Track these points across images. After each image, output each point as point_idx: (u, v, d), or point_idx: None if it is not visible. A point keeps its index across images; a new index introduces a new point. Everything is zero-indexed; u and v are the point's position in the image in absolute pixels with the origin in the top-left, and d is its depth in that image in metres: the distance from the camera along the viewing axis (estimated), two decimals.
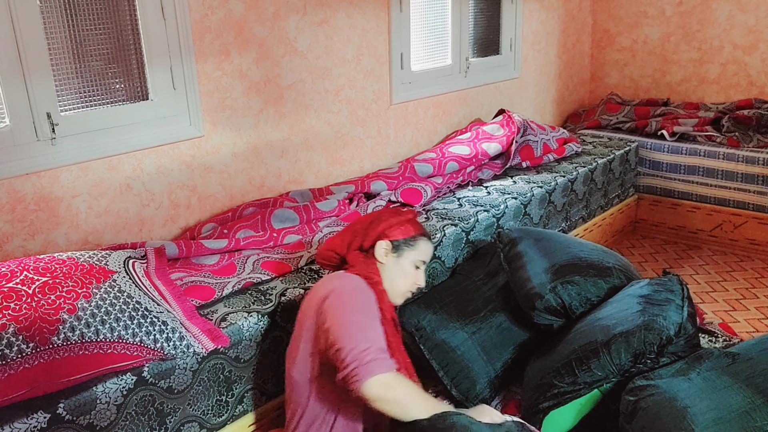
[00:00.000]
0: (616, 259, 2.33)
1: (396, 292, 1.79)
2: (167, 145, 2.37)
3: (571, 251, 2.33)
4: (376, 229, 1.78)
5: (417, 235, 1.81)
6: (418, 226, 1.83)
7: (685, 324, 1.91)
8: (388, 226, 1.78)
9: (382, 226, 1.78)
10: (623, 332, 1.89)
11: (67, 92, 2.13)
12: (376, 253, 1.76)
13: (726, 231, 3.81)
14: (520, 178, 3.22)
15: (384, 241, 1.76)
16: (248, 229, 2.40)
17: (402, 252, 1.77)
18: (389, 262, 1.76)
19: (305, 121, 2.82)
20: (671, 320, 1.89)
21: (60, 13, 2.08)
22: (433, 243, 1.85)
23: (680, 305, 1.95)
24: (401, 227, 1.79)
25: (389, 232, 1.77)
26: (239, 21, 2.50)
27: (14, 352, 1.48)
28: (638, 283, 2.13)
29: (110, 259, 1.85)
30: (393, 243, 1.77)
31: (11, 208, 2.03)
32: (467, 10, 3.60)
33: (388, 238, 1.77)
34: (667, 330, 1.87)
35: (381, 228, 1.78)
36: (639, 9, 4.45)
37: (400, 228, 1.78)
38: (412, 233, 1.80)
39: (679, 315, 1.91)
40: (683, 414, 1.63)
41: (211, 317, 1.92)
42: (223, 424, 1.92)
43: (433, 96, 3.46)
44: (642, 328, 1.88)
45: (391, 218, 1.80)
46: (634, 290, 2.09)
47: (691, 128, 3.89)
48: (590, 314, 2.10)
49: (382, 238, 1.77)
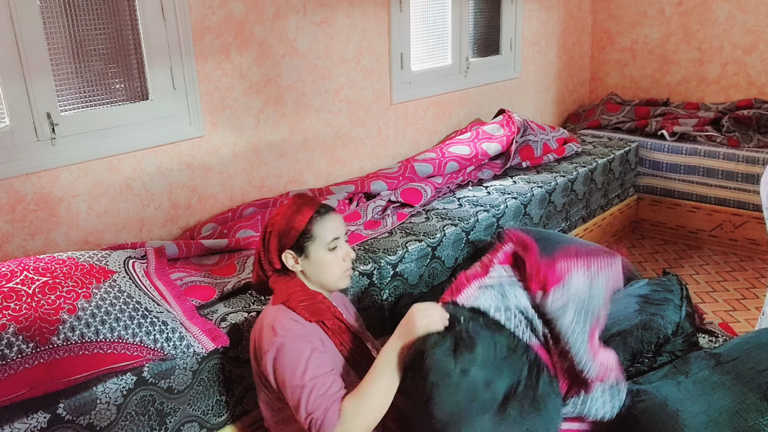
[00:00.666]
0: None
1: (331, 283, 1.68)
2: (167, 145, 2.37)
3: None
4: (272, 247, 1.64)
5: (306, 223, 1.62)
6: (304, 213, 1.64)
7: (683, 323, 1.91)
8: (278, 236, 1.63)
9: (273, 241, 1.64)
10: (620, 332, 1.89)
11: (67, 92, 2.13)
12: (288, 266, 1.64)
13: (726, 231, 3.81)
14: (520, 178, 3.22)
15: (286, 253, 1.63)
16: (248, 229, 2.40)
17: (307, 250, 1.63)
18: (304, 266, 1.65)
19: (305, 121, 2.82)
20: (669, 319, 1.89)
21: (60, 14, 2.08)
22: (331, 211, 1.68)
23: (678, 305, 1.95)
24: (288, 228, 1.62)
25: (282, 241, 1.63)
26: (239, 21, 2.50)
27: (14, 352, 1.48)
28: (637, 283, 2.14)
29: (110, 259, 1.85)
30: (293, 249, 1.63)
31: (11, 208, 2.03)
32: (467, 10, 3.60)
33: (287, 248, 1.63)
34: (664, 329, 1.87)
35: (273, 243, 1.64)
36: (639, 9, 4.45)
37: (287, 230, 1.62)
38: (302, 225, 1.62)
39: (677, 314, 1.92)
40: (675, 418, 1.63)
41: (211, 317, 1.91)
42: (223, 424, 1.92)
43: (433, 96, 3.46)
44: (639, 328, 1.88)
45: (277, 224, 1.64)
46: (633, 290, 2.09)
47: (691, 128, 3.89)
48: None
49: (282, 251, 1.63)
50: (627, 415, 1.73)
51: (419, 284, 2.49)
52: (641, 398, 1.73)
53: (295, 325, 1.56)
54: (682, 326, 1.90)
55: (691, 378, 1.73)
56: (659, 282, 2.08)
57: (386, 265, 2.33)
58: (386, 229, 2.57)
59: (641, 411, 1.70)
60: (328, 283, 1.68)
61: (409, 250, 2.41)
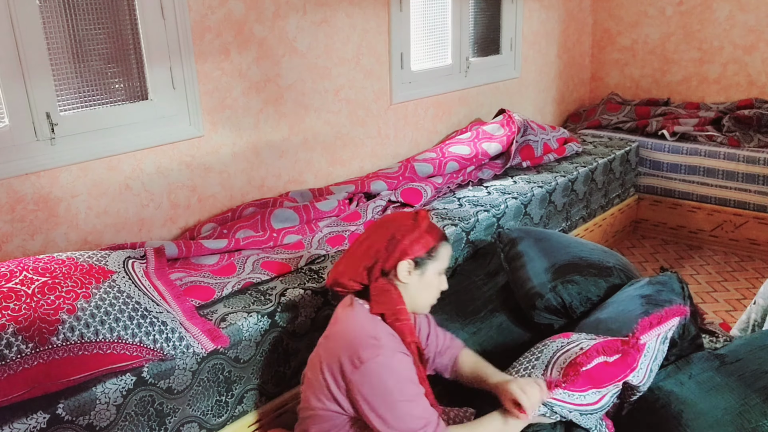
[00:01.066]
0: (617, 259, 2.33)
1: (422, 306, 1.71)
2: (167, 145, 2.37)
3: (571, 251, 2.33)
4: (396, 249, 1.63)
5: (436, 244, 1.67)
6: (435, 234, 1.69)
7: (689, 325, 1.91)
8: (408, 244, 1.63)
9: (402, 245, 1.63)
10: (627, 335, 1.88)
11: (66, 92, 2.13)
12: (399, 274, 1.63)
13: (727, 231, 3.80)
14: (520, 177, 3.22)
15: (405, 262, 1.63)
16: (248, 229, 2.40)
17: (425, 267, 1.65)
18: (413, 280, 1.65)
19: (305, 121, 2.82)
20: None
21: (60, 13, 2.08)
22: (448, 241, 1.73)
23: (682, 303, 1.94)
24: (421, 241, 1.64)
25: (410, 250, 1.63)
26: (239, 21, 2.49)
27: (14, 352, 1.48)
28: (638, 283, 2.13)
29: (110, 259, 1.85)
30: (415, 260, 1.64)
31: (11, 208, 2.02)
32: (467, 10, 3.59)
33: (409, 257, 1.63)
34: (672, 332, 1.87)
35: (401, 247, 1.63)
36: (639, 9, 4.44)
37: (420, 243, 1.64)
38: (432, 244, 1.66)
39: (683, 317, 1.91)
40: (678, 419, 1.63)
41: (210, 317, 1.91)
42: (223, 424, 1.91)
43: (433, 96, 3.46)
44: None
45: (410, 233, 1.65)
46: (635, 290, 2.08)
47: (691, 128, 3.89)
48: (591, 315, 2.09)
49: (402, 258, 1.63)
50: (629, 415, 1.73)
51: None
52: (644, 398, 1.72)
53: (396, 342, 1.58)
54: (687, 328, 1.89)
55: (694, 379, 1.73)
56: (660, 281, 2.07)
57: None
58: None
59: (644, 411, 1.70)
60: (420, 305, 1.71)
61: None
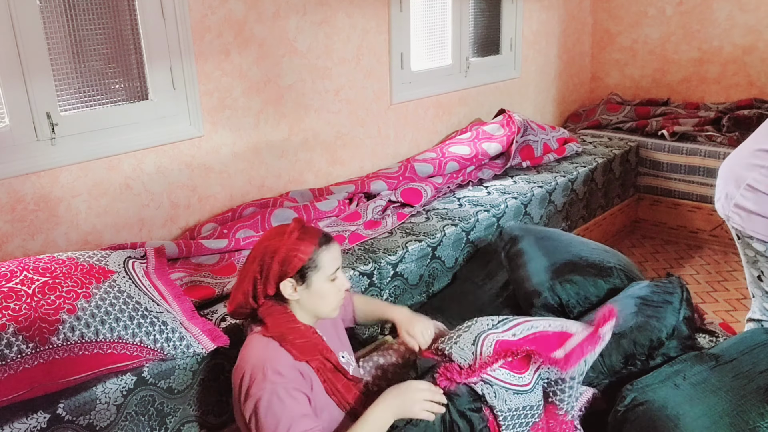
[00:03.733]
0: (618, 259, 2.33)
1: (326, 312, 1.65)
2: (167, 145, 2.37)
3: (572, 250, 2.33)
4: (271, 274, 1.57)
5: (313, 252, 1.58)
6: (309, 241, 1.59)
7: (679, 326, 1.91)
8: (280, 265, 1.56)
9: (275, 268, 1.56)
10: (615, 333, 1.89)
11: (66, 92, 2.13)
12: (285, 294, 1.58)
13: (726, 231, 3.80)
14: (520, 177, 3.22)
15: (285, 282, 1.57)
16: (248, 229, 2.40)
17: (309, 279, 1.58)
18: (302, 295, 1.59)
19: (305, 121, 2.82)
20: (665, 322, 1.89)
21: (60, 13, 2.08)
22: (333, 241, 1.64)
23: (677, 308, 1.94)
24: (294, 255, 1.56)
25: (286, 269, 1.56)
26: (239, 21, 2.49)
27: (14, 352, 1.48)
28: (638, 284, 2.13)
29: (110, 259, 1.85)
30: (295, 277, 1.57)
31: (11, 208, 2.02)
32: (467, 10, 3.59)
33: (288, 276, 1.57)
34: (658, 332, 1.87)
35: (275, 270, 1.56)
36: (639, 9, 4.44)
37: (293, 257, 1.56)
38: (309, 254, 1.57)
39: (675, 317, 1.91)
40: (675, 422, 1.62)
41: (211, 317, 1.91)
42: (223, 424, 1.91)
43: (434, 96, 3.46)
44: (633, 329, 1.88)
45: (278, 252, 1.56)
46: (633, 291, 2.08)
47: (691, 128, 3.89)
48: (588, 314, 2.10)
49: (282, 279, 1.57)
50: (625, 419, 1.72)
51: (419, 284, 2.49)
52: (639, 402, 1.72)
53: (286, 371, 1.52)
54: (678, 329, 1.90)
55: (689, 380, 1.72)
56: (660, 284, 2.07)
57: (386, 265, 2.33)
58: (386, 229, 2.57)
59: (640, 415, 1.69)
60: (322, 313, 1.65)
61: (409, 250, 2.41)
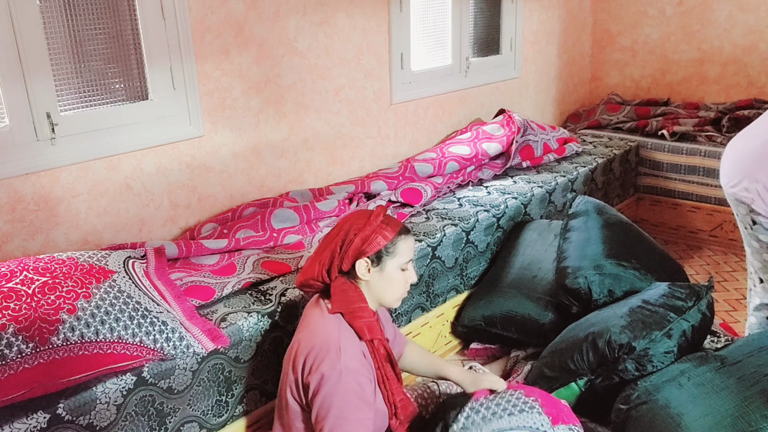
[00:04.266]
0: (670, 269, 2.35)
1: (389, 300, 1.75)
2: (167, 145, 2.37)
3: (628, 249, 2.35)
4: (351, 249, 1.67)
5: (393, 239, 1.69)
6: (392, 228, 1.70)
7: (675, 333, 1.87)
8: (362, 242, 1.66)
9: (357, 243, 1.66)
10: (594, 332, 1.90)
11: (66, 92, 2.13)
12: (358, 272, 1.68)
13: (726, 231, 3.80)
14: (520, 177, 3.22)
15: (362, 260, 1.68)
16: (248, 229, 2.40)
17: (384, 263, 1.69)
18: (373, 277, 1.69)
19: (305, 121, 2.82)
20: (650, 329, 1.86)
21: (60, 13, 2.08)
22: (412, 234, 1.77)
23: (676, 316, 1.91)
24: (376, 238, 1.67)
25: (365, 248, 1.66)
26: (239, 21, 2.49)
27: (14, 352, 1.48)
28: (656, 286, 2.11)
29: (110, 259, 1.85)
30: (372, 258, 1.68)
31: (11, 208, 2.02)
32: (467, 10, 3.59)
33: (366, 255, 1.67)
34: (615, 343, 1.85)
35: (356, 246, 1.67)
36: (639, 9, 4.44)
37: (374, 240, 1.67)
38: (389, 239, 1.68)
39: (667, 325, 1.88)
40: (677, 422, 1.62)
41: (211, 317, 1.91)
42: (223, 424, 1.92)
43: (433, 96, 3.46)
44: (609, 331, 1.88)
45: (363, 230, 1.67)
46: (646, 292, 2.08)
47: (691, 128, 3.89)
48: (600, 308, 2.13)
49: (359, 257, 1.67)
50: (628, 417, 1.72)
51: (419, 284, 2.49)
52: (643, 400, 1.72)
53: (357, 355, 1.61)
54: (672, 335, 1.86)
55: (694, 380, 1.72)
56: (679, 289, 2.03)
57: None
58: None
59: (643, 413, 1.69)
60: (386, 301, 1.74)
61: None
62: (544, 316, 2.36)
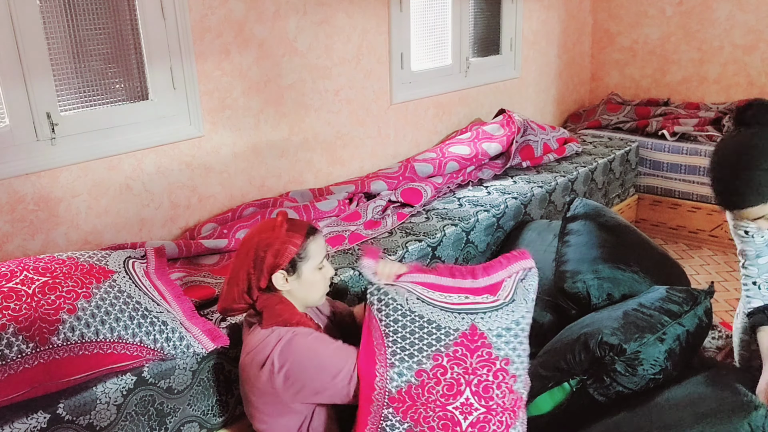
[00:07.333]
0: (671, 273, 2.35)
1: (313, 300, 1.73)
2: (167, 145, 2.37)
3: (627, 252, 2.34)
4: (265, 267, 1.63)
5: (303, 244, 1.65)
6: (299, 233, 1.66)
7: (669, 337, 1.86)
8: (274, 257, 1.62)
9: (269, 260, 1.62)
10: (587, 333, 1.90)
11: (66, 92, 2.13)
12: (277, 285, 1.64)
13: (726, 231, 3.80)
14: (520, 177, 3.22)
15: (277, 273, 1.63)
16: (248, 229, 2.40)
17: (299, 270, 1.65)
18: (292, 285, 1.66)
19: (305, 121, 2.82)
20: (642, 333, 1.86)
21: (60, 13, 2.08)
22: (317, 232, 1.71)
23: (668, 321, 1.90)
24: (285, 248, 1.63)
25: (278, 261, 1.62)
26: (239, 21, 2.49)
27: (14, 352, 1.48)
28: (657, 289, 2.11)
29: (110, 259, 1.85)
30: (286, 268, 1.64)
31: (11, 208, 2.02)
32: (467, 10, 3.59)
33: (280, 268, 1.63)
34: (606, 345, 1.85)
35: (269, 262, 1.62)
36: (639, 9, 4.44)
37: (284, 251, 1.63)
38: (299, 245, 1.64)
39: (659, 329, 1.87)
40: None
41: (211, 317, 1.91)
42: (223, 424, 1.92)
43: (434, 96, 3.46)
44: (601, 333, 1.88)
45: (271, 245, 1.63)
46: (645, 296, 2.08)
47: (691, 128, 3.89)
48: (595, 311, 2.12)
49: (274, 271, 1.63)
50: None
51: None
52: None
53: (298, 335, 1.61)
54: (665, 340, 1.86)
55: None
56: (676, 293, 2.02)
57: None
58: (386, 229, 2.57)
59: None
60: (311, 302, 1.73)
61: (409, 250, 2.41)
62: (543, 316, 2.36)
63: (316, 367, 1.56)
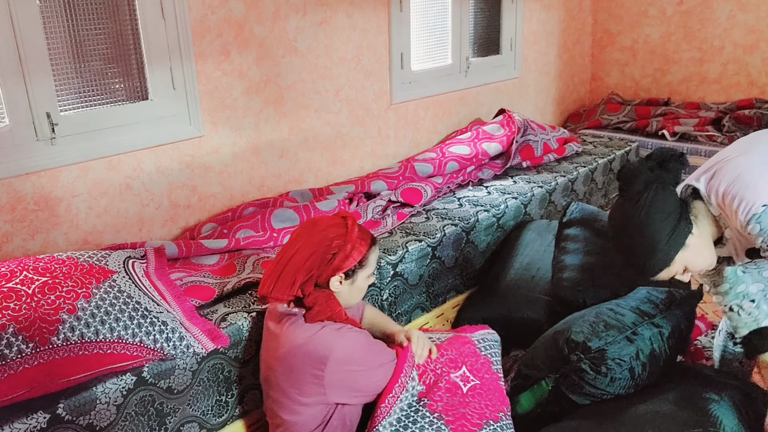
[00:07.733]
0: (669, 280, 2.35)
1: (352, 304, 1.81)
2: (167, 145, 2.37)
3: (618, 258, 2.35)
4: (331, 265, 1.67)
5: (367, 252, 1.72)
6: (366, 241, 1.73)
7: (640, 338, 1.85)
8: (343, 258, 1.67)
9: (338, 260, 1.67)
10: (558, 331, 1.91)
11: (66, 92, 2.13)
12: (331, 285, 1.70)
13: None
14: (520, 177, 3.22)
15: (337, 275, 1.69)
16: (248, 229, 2.40)
17: (356, 276, 1.73)
18: (344, 289, 1.72)
19: (305, 121, 2.82)
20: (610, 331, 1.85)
21: (60, 13, 2.08)
22: (377, 242, 1.81)
23: (639, 321, 1.89)
24: (353, 254, 1.69)
25: (342, 264, 1.68)
26: (239, 21, 2.49)
27: (14, 352, 1.48)
28: (639, 290, 2.10)
29: (110, 259, 1.85)
30: (347, 273, 1.70)
31: (11, 208, 2.03)
32: (467, 10, 3.59)
33: (342, 270, 1.69)
34: (571, 343, 1.85)
35: (336, 262, 1.67)
36: (639, 8, 4.44)
37: (352, 255, 1.69)
38: (362, 254, 1.71)
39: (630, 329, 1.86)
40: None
41: (211, 317, 1.91)
42: (223, 424, 1.92)
43: (434, 96, 3.46)
44: (569, 330, 1.88)
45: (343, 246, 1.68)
46: (626, 297, 2.08)
47: (691, 128, 3.89)
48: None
49: (335, 273, 1.68)
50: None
51: (419, 284, 2.49)
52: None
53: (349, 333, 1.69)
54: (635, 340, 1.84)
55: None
56: (657, 296, 2.01)
57: (386, 265, 2.33)
58: (386, 229, 2.57)
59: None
60: (350, 305, 1.80)
61: (409, 250, 2.41)
62: (542, 316, 2.37)
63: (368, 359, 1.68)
